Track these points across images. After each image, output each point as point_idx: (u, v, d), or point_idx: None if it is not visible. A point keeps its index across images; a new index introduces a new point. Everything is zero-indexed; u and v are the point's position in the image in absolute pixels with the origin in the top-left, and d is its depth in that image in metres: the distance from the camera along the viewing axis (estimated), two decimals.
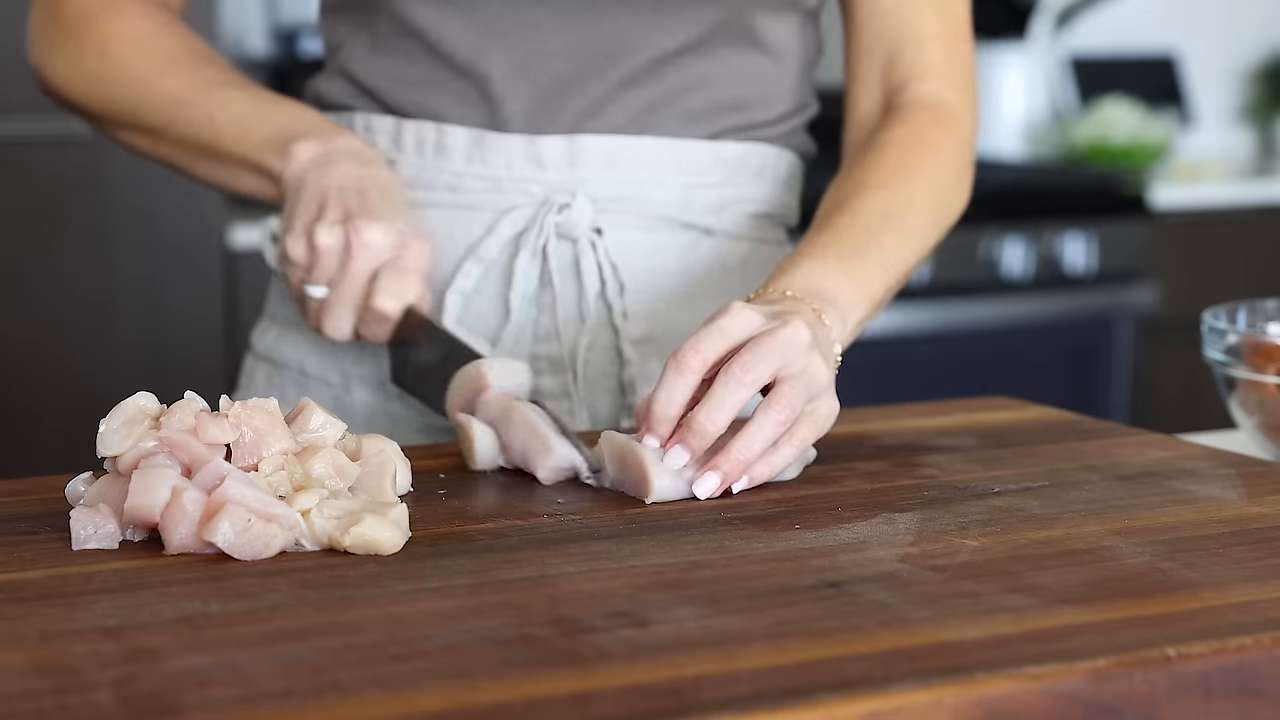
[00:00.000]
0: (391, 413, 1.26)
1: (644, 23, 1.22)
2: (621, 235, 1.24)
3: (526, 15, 1.21)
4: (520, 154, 1.22)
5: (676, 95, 1.24)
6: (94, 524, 0.87)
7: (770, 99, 1.28)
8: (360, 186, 1.16)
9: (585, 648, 0.72)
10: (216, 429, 0.89)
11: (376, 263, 1.14)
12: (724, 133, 1.26)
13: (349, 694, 0.66)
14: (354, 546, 0.86)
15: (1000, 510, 0.95)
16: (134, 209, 2.71)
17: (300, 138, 1.19)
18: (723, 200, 1.27)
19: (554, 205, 1.22)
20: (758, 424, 0.99)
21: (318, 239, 1.14)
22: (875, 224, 1.18)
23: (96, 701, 0.66)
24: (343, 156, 1.18)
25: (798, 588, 0.80)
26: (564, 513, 0.94)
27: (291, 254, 1.16)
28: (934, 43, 1.27)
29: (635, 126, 1.23)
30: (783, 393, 1.00)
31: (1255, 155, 4.11)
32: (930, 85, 1.27)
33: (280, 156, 1.19)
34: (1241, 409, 1.24)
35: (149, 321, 2.75)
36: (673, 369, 1.00)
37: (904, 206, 1.20)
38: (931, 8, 1.27)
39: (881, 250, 1.17)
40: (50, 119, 2.67)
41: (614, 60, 1.22)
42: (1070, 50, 3.87)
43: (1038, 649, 0.72)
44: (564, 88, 1.22)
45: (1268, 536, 0.90)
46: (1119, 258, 3.29)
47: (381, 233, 1.14)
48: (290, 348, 1.31)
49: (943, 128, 1.26)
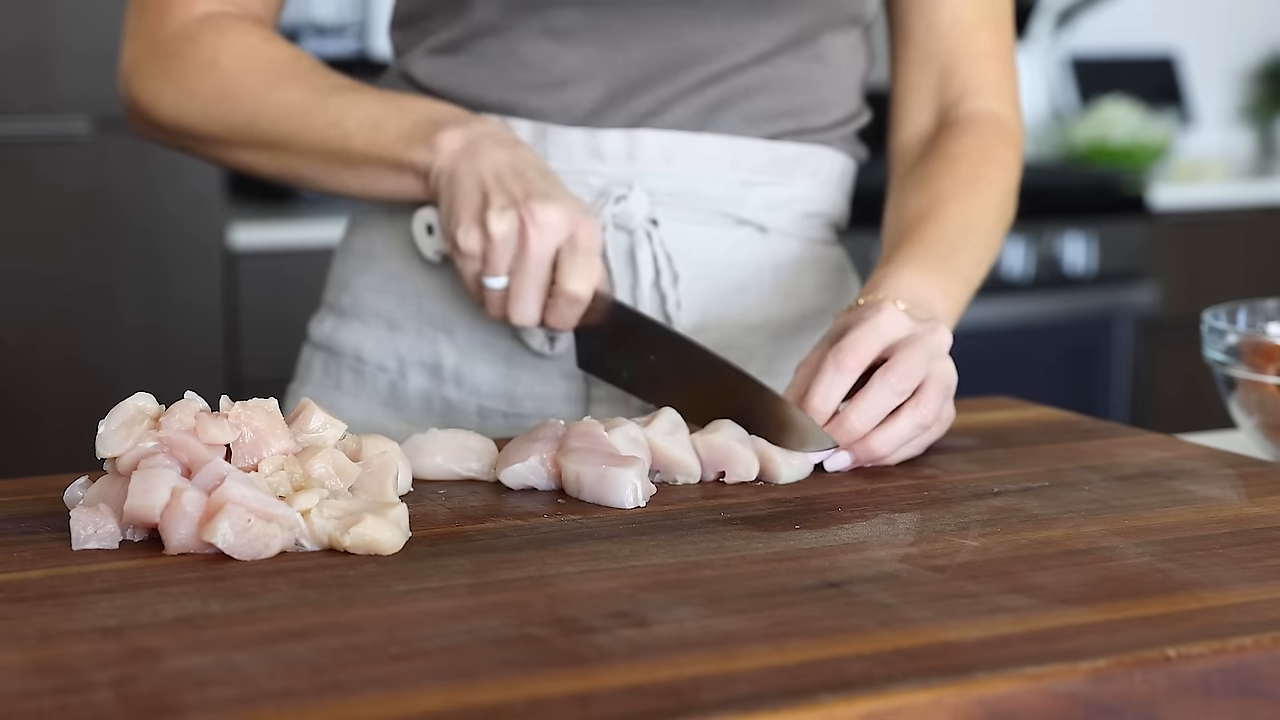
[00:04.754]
0: (447, 398, 1.27)
1: (717, 36, 1.24)
2: (677, 228, 1.25)
3: (605, 23, 1.23)
4: (581, 147, 1.24)
5: (739, 98, 1.25)
6: (94, 524, 0.87)
7: (827, 106, 1.30)
8: (517, 168, 1.15)
9: (585, 648, 0.72)
10: (216, 429, 0.89)
11: (555, 244, 1.13)
12: (781, 134, 1.28)
13: (349, 694, 0.66)
14: (354, 546, 0.86)
15: (1000, 510, 0.95)
16: (134, 209, 2.71)
17: (441, 128, 1.18)
18: (777, 198, 1.28)
19: (611, 196, 1.23)
20: (900, 424, 1.05)
21: (491, 227, 1.13)
22: (957, 237, 1.22)
23: (96, 701, 0.66)
24: (488, 141, 1.17)
25: (798, 588, 0.80)
26: (564, 513, 0.94)
27: (464, 246, 1.14)
28: (989, 60, 1.31)
29: (695, 124, 1.25)
30: (927, 398, 1.06)
31: (1255, 155, 4.12)
32: (988, 100, 1.31)
33: (425, 149, 1.17)
34: (1241, 409, 1.24)
35: (150, 320, 2.75)
36: (832, 368, 1.05)
37: (978, 219, 1.25)
38: (986, 26, 1.31)
39: (964, 263, 1.22)
40: (50, 119, 2.67)
41: (684, 68, 1.24)
42: (1070, 50, 3.87)
43: (1038, 649, 0.72)
44: (632, 90, 1.24)
45: (1268, 536, 0.90)
46: (1119, 258, 3.30)
47: (557, 212, 1.13)
48: (346, 336, 1.31)
49: (1004, 142, 1.30)
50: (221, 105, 1.23)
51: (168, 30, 1.25)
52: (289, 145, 1.22)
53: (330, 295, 1.35)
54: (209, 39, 1.24)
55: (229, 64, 1.23)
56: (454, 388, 1.27)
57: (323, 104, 1.21)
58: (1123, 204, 3.34)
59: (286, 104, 1.22)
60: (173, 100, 1.25)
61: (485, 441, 1.03)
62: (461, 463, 1.01)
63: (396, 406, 1.29)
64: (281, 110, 1.22)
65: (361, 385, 1.30)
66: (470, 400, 1.27)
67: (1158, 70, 3.97)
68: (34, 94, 2.66)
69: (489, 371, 1.26)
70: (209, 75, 1.23)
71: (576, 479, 0.97)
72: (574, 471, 0.97)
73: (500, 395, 1.26)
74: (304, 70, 1.24)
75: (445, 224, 1.17)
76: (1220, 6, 4.10)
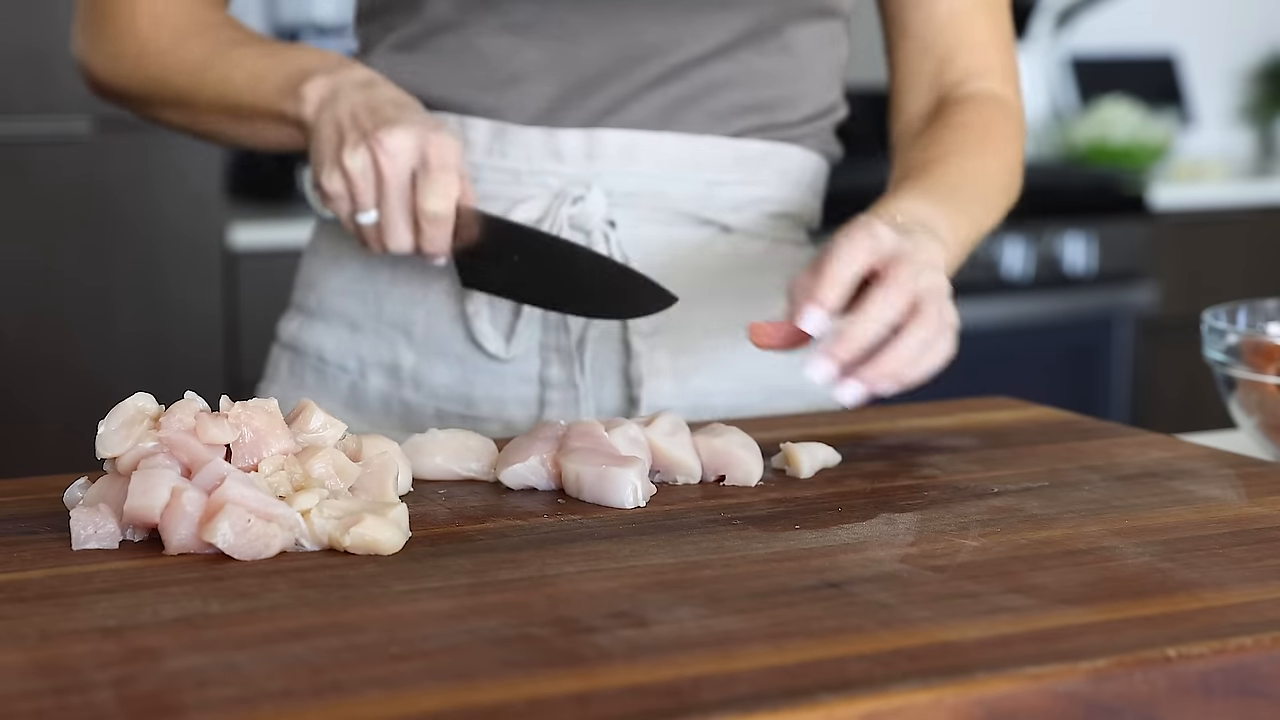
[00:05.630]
0: (406, 400, 1.27)
1: (674, 28, 1.23)
2: (637, 229, 1.24)
3: (561, 17, 1.22)
4: (539, 147, 1.23)
5: (701, 95, 1.24)
6: (94, 524, 0.87)
7: (795, 101, 1.28)
8: (371, 104, 1.17)
9: (585, 648, 0.72)
10: (216, 429, 0.89)
11: (409, 166, 1.15)
12: (746, 131, 1.26)
13: (349, 694, 0.66)
14: (354, 546, 0.86)
15: (1000, 510, 0.95)
16: (134, 209, 2.71)
17: (308, 78, 1.20)
18: (742, 198, 1.27)
19: (568, 197, 1.23)
20: (907, 341, 1.02)
21: (347, 163, 1.15)
22: (963, 184, 1.22)
23: (96, 701, 0.66)
24: (350, 86, 1.19)
25: (798, 588, 0.80)
26: (564, 513, 0.94)
27: (329, 189, 1.17)
28: (988, 47, 1.31)
29: (656, 123, 1.24)
30: (926, 312, 1.03)
31: (1255, 155, 4.12)
32: (990, 82, 1.31)
33: (294, 100, 1.20)
34: (1241, 409, 1.24)
35: (149, 321, 2.75)
36: (837, 262, 1.02)
37: (983, 176, 1.24)
38: (983, 15, 1.31)
39: (968, 204, 1.21)
40: (50, 119, 2.67)
41: (641, 62, 1.23)
42: (1070, 50, 3.87)
43: (1038, 649, 0.72)
44: (588, 86, 1.23)
45: (1268, 536, 0.90)
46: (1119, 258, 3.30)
47: (403, 135, 1.14)
48: (310, 335, 1.32)
49: (1007, 119, 1.30)
50: (140, 64, 1.28)
51: None
52: (193, 101, 1.27)
53: (298, 295, 1.36)
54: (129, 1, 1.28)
55: (147, 23, 1.28)
56: (412, 390, 1.27)
57: (220, 58, 1.25)
58: (1123, 204, 3.34)
59: (188, 60, 1.26)
60: (102, 62, 1.30)
61: (485, 441, 1.03)
62: (461, 463, 1.01)
63: (357, 408, 1.29)
64: (184, 65, 1.26)
65: (324, 386, 1.30)
66: (428, 403, 1.27)
67: (1158, 70, 3.96)
68: (34, 94, 2.66)
69: (446, 374, 1.26)
70: (129, 37, 1.28)
71: (576, 479, 0.97)
72: (574, 471, 0.97)
73: (457, 398, 1.26)
74: (213, 26, 1.28)
75: (314, 173, 1.19)
76: (1220, 6, 4.10)
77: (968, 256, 1.22)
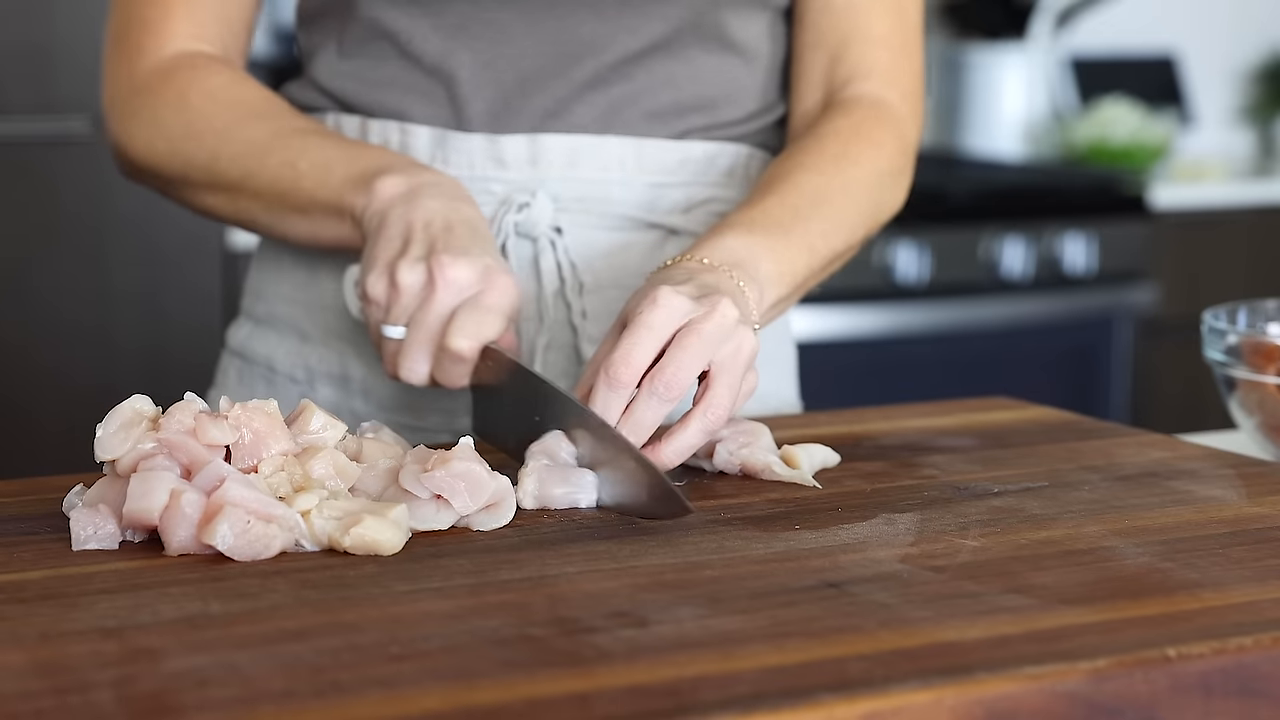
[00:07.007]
0: (355, 411, 1.26)
1: (609, 23, 1.21)
2: (583, 235, 1.23)
3: (493, 16, 1.21)
4: (482, 153, 1.22)
5: (641, 94, 1.23)
6: (94, 524, 0.87)
7: (739, 98, 1.27)
8: (447, 222, 1.09)
9: (585, 648, 0.72)
10: (216, 430, 0.89)
11: (458, 300, 1.07)
12: (690, 132, 1.25)
13: (349, 694, 0.66)
14: (354, 547, 0.86)
15: (1000, 510, 0.95)
16: (134, 210, 2.71)
17: (384, 173, 1.13)
18: (690, 200, 1.26)
19: (513, 204, 1.21)
20: (688, 432, 1.00)
21: (400, 276, 1.07)
22: (805, 207, 1.17)
23: (96, 701, 0.66)
24: (429, 190, 1.12)
25: (798, 588, 0.80)
26: (564, 513, 0.94)
27: (371, 292, 1.09)
28: (882, 46, 1.26)
29: (599, 126, 1.22)
30: (715, 396, 1.00)
31: (1255, 155, 4.11)
32: (874, 84, 1.26)
33: (363, 194, 1.13)
34: (1241, 409, 1.24)
35: (148, 322, 2.75)
36: (605, 384, 0.99)
37: (836, 194, 1.19)
38: (883, 10, 1.26)
39: (808, 234, 1.16)
40: (50, 119, 2.67)
41: (578, 60, 1.22)
42: (1070, 50, 3.87)
43: (1038, 649, 0.72)
44: (527, 87, 1.22)
45: (1268, 536, 0.90)
46: (1119, 258, 3.29)
47: (467, 268, 1.06)
48: (260, 344, 1.31)
49: (884, 126, 1.24)
50: (186, 144, 1.21)
51: (142, 68, 1.24)
52: (244, 185, 1.20)
53: (246, 302, 1.34)
54: (181, 77, 1.22)
55: (198, 102, 1.21)
56: (361, 400, 1.26)
57: (282, 144, 1.18)
58: (1123, 204, 3.34)
59: (247, 142, 1.19)
60: (143, 138, 1.24)
61: None
62: None
63: None
64: (241, 148, 1.19)
65: (273, 394, 1.28)
66: (377, 413, 1.25)
67: (1158, 70, 3.96)
68: (34, 94, 2.66)
69: (395, 384, 1.23)
70: (178, 113, 1.22)
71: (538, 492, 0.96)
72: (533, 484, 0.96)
73: (405, 408, 1.24)
74: (271, 111, 1.22)
75: (362, 267, 1.12)
76: (1220, 6, 4.10)
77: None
